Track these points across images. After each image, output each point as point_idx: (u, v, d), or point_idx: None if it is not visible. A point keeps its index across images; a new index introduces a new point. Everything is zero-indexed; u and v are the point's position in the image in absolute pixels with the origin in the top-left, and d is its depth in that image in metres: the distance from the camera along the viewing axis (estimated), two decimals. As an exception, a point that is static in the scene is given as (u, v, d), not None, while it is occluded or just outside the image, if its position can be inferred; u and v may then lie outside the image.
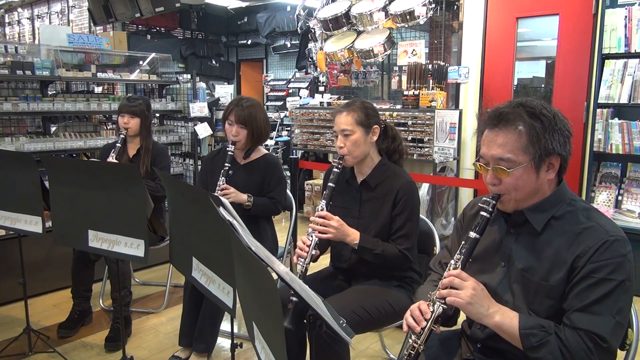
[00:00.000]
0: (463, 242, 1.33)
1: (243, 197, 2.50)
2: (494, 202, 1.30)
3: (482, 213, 1.30)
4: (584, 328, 1.17)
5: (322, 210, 1.94)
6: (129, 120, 2.98)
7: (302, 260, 1.88)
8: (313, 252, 1.90)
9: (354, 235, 1.91)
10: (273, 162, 2.66)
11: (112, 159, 2.90)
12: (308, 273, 1.95)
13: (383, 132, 2.08)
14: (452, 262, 1.33)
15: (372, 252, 1.91)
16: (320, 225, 1.89)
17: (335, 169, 2.00)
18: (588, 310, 1.18)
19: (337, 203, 2.07)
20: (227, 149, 2.55)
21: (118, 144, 2.95)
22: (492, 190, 1.32)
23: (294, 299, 1.73)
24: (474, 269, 1.39)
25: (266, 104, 8.71)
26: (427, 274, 1.66)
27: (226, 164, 2.51)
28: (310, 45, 5.34)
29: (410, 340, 1.33)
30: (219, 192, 2.44)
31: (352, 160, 2.01)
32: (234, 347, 1.76)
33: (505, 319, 1.24)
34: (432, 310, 1.30)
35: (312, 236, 1.90)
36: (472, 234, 1.31)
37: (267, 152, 2.72)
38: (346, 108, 2.01)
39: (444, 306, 1.29)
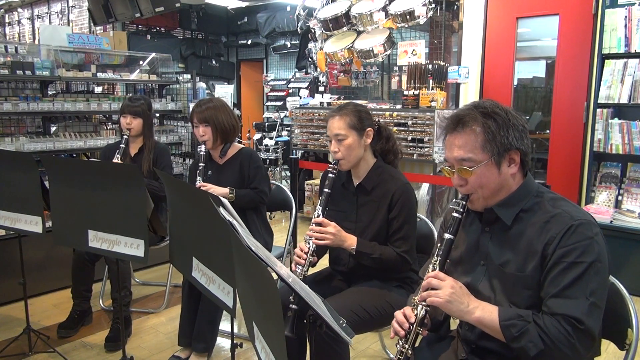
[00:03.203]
0: (439, 245, 1.39)
1: (223, 190, 2.52)
2: (463, 202, 1.37)
3: (454, 214, 1.36)
4: (560, 312, 1.20)
5: (318, 216, 1.93)
6: (132, 121, 2.99)
7: (300, 267, 1.88)
8: (311, 259, 1.90)
9: (350, 241, 1.91)
10: (248, 153, 2.70)
11: (117, 160, 2.91)
12: (307, 274, 1.95)
13: (377, 133, 2.07)
14: (430, 265, 1.38)
15: (370, 257, 1.91)
16: (317, 232, 1.89)
17: (330, 174, 1.99)
18: (562, 295, 1.21)
19: (334, 207, 2.07)
20: (199, 149, 2.62)
21: (122, 145, 2.96)
22: (460, 191, 1.38)
23: (294, 306, 1.73)
24: (458, 272, 1.44)
25: (266, 104, 8.72)
26: (418, 284, 1.67)
27: (200, 164, 2.58)
28: (310, 45, 5.34)
29: (398, 346, 1.35)
30: None
31: (347, 165, 2.00)
32: (234, 347, 1.76)
33: (485, 313, 1.27)
34: (415, 313, 1.34)
35: (309, 243, 1.90)
36: (447, 235, 1.36)
37: (242, 146, 2.76)
38: (338, 112, 2.00)
39: (427, 308, 1.33)
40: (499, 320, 1.24)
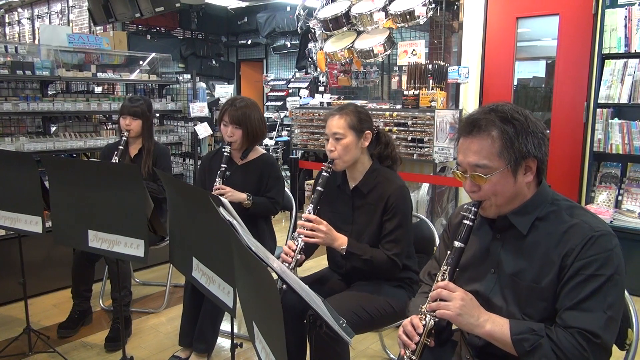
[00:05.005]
0: (449, 252, 1.34)
1: (242, 195, 2.49)
2: (475, 209, 1.31)
3: (465, 221, 1.31)
4: (576, 326, 1.17)
5: (309, 213, 1.92)
6: (131, 122, 2.97)
7: (287, 265, 1.86)
8: (298, 257, 1.89)
9: (341, 241, 1.90)
10: (270, 161, 2.66)
11: (115, 161, 2.91)
12: (307, 274, 1.94)
13: (376, 138, 2.06)
14: (440, 273, 1.33)
15: (360, 258, 1.90)
16: (308, 229, 1.87)
17: (324, 173, 1.98)
18: (578, 308, 1.18)
19: (331, 209, 2.06)
20: (223, 149, 2.55)
21: (121, 147, 2.95)
22: (472, 197, 1.33)
23: (283, 286, 1.72)
24: (464, 278, 1.39)
25: (266, 104, 8.72)
26: (418, 285, 1.65)
27: (222, 165, 2.51)
28: (310, 45, 5.34)
29: (405, 357, 1.31)
30: (215, 192, 2.44)
31: (342, 165, 1.99)
32: (234, 347, 1.76)
33: (496, 326, 1.24)
34: (424, 324, 1.30)
35: (298, 240, 1.88)
36: (457, 244, 1.31)
37: (264, 152, 2.72)
38: (339, 111, 1.99)
39: (436, 319, 1.29)
40: (511, 335, 1.21)
